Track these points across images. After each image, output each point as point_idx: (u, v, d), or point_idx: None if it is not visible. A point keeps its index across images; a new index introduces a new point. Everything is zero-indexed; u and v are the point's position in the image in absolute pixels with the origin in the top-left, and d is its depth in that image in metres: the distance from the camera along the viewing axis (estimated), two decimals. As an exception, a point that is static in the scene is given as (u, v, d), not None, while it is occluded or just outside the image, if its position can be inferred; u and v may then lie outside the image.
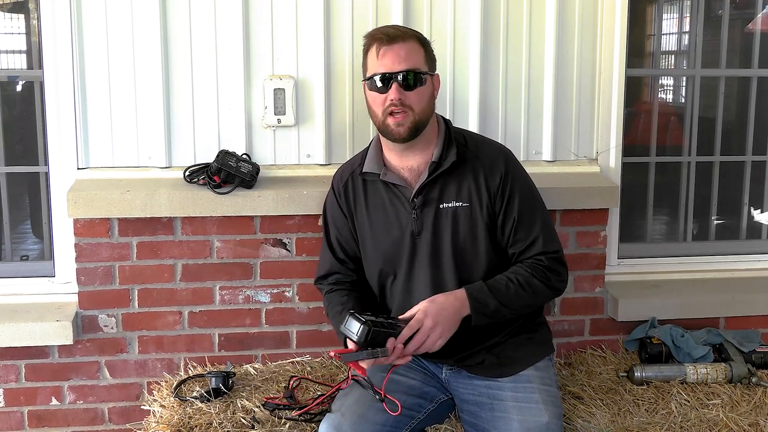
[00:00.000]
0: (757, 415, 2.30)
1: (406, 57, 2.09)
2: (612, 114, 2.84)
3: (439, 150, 2.17)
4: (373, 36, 2.14)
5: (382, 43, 2.10)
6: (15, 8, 2.91)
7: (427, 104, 2.13)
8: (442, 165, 2.15)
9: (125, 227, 2.58)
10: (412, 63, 2.09)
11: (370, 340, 1.92)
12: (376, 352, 1.92)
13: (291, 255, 2.67)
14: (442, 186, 2.17)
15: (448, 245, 2.16)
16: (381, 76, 2.09)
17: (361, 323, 1.92)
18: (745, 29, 3.23)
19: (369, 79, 2.13)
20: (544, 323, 2.33)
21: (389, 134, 2.12)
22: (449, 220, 2.16)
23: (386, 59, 2.09)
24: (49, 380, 2.67)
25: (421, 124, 2.12)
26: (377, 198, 2.23)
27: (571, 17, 2.78)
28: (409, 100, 2.08)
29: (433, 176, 2.15)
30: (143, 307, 2.64)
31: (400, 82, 2.07)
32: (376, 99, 2.12)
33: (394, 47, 2.09)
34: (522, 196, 2.18)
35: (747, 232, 3.19)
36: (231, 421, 2.21)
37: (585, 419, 2.28)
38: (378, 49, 2.11)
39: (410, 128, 2.10)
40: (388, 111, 2.09)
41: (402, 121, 2.09)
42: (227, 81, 2.66)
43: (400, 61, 2.08)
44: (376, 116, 2.14)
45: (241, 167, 2.55)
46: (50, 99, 2.63)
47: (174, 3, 2.61)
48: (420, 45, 2.14)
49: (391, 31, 2.14)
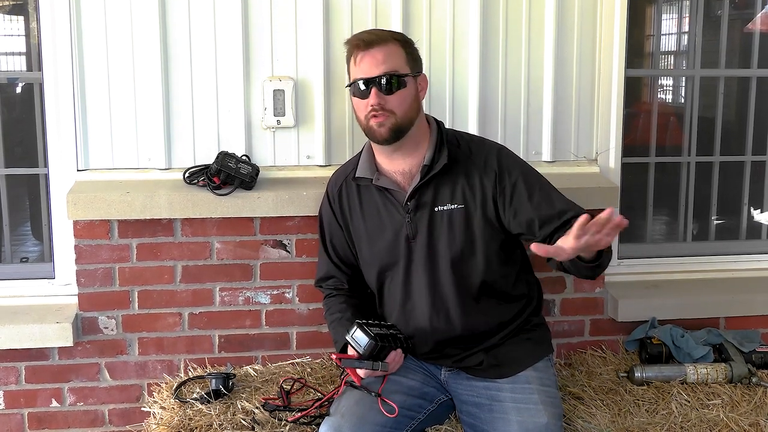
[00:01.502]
0: (757, 415, 2.30)
1: (384, 60, 2.08)
2: (612, 114, 2.84)
3: (431, 152, 2.16)
4: (351, 42, 2.14)
5: (359, 49, 2.10)
6: (14, 10, 2.91)
7: (410, 106, 2.12)
8: (434, 168, 2.14)
9: (125, 229, 2.58)
10: (390, 66, 2.08)
11: (375, 354, 1.98)
12: (376, 365, 1.98)
13: (291, 256, 2.66)
14: (436, 188, 2.16)
15: (445, 248, 2.15)
16: (361, 81, 2.09)
17: (369, 337, 1.98)
18: (744, 29, 3.23)
19: (351, 85, 2.13)
20: (543, 324, 2.33)
21: (373, 137, 2.13)
22: (444, 223, 2.15)
23: (364, 64, 2.09)
24: (49, 382, 2.67)
25: (403, 127, 2.11)
26: (371, 203, 2.23)
27: (571, 18, 2.78)
28: (389, 104, 2.08)
29: (426, 179, 2.14)
30: (143, 309, 2.64)
31: (378, 86, 2.07)
32: (359, 105, 2.12)
33: (371, 51, 2.09)
34: (525, 179, 2.15)
35: (747, 232, 3.19)
36: (231, 423, 2.20)
37: (585, 420, 2.28)
38: (356, 56, 2.11)
39: (391, 129, 2.09)
40: (370, 116, 2.09)
41: (383, 121, 2.08)
42: (227, 82, 2.66)
43: (377, 65, 2.08)
44: (360, 121, 2.15)
45: (241, 168, 2.55)
46: (50, 101, 2.63)
47: (173, 5, 2.61)
48: (399, 46, 2.13)
49: (366, 36, 2.13)
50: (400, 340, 2.11)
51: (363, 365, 1.99)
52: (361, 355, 1.98)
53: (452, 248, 2.15)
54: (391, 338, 2.07)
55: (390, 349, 2.05)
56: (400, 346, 2.10)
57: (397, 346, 2.08)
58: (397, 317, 2.22)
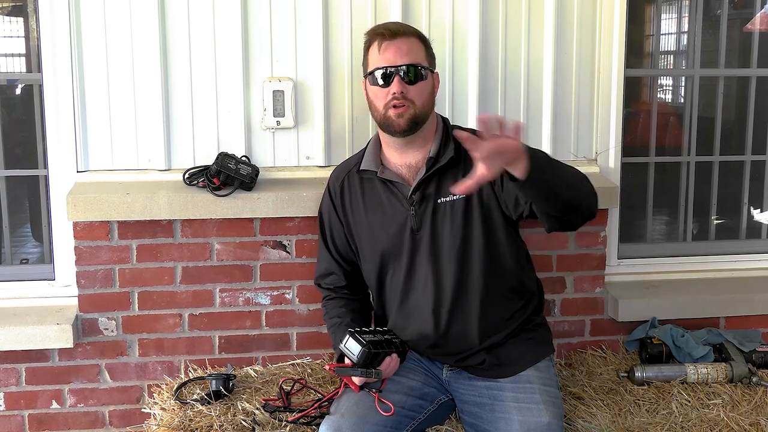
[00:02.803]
0: (758, 415, 2.30)
1: (408, 52, 2.11)
2: (611, 114, 2.84)
3: (437, 146, 2.18)
4: (375, 31, 2.17)
5: (384, 38, 2.13)
6: (14, 11, 2.92)
7: (428, 99, 2.15)
8: (439, 161, 2.16)
9: (125, 230, 2.58)
10: (413, 58, 2.11)
11: (369, 362, 1.98)
12: (370, 372, 1.99)
13: (291, 257, 2.67)
14: (439, 181, 2.17)
15: (448, 239, 2.16)
16: (383, 70, 2.10)
17: (361, 346, 1.98)
18: (743, 29, 3.23)
19: (371, 74, 2.14)
20: (544, 324, 2.33)
21: (390, 126, 2.13)
22: (447, 214, 2.16)
23: (388, 53, 2.11)
24: (49, 383, 2.67)
25: (421, 119, 2.13)
26: (374, 196, 2.24)
27: (570, 17, 2.78)
28: (410, 94, 2.10)
29: (431, 172, 2.15)
30: (143, 310, 2.64)
31: (402, 76, 2.09)
32: (378, 93, 2.13)
33: (396, 42, 2.11)
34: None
35: (747, 231, 3.19)
36: (232, 424, 2.20)
37: (586, 420, 2.28)
38: (380, 44, 2.13)
39: (410, 119, 2.11)
40: (390, 105, 2.10)
41: (403, 112, 2.10)
42: (226, 83, 2.66)
43: (402, 56, 2.10)
44: (377, 111, 2.15)
45: (241, 169, 2.55)
46: (49, 102, 2.63)
47: (173, 6, 2.61)
48: (421, 42, 2.17)
49: (392, 26, 2.18)
50: (395, 345, 2.12)
51: (356, 373, 2.00)
52: (355, 364, 1.99)
53: (455, 239, 2.15)
54: (385, 344, 2.08)
55: (385, 354, 2.07)
56: (396, 351, 2.11)
57: (392, 350, 2.09)
58: (396, 312, 2.22)
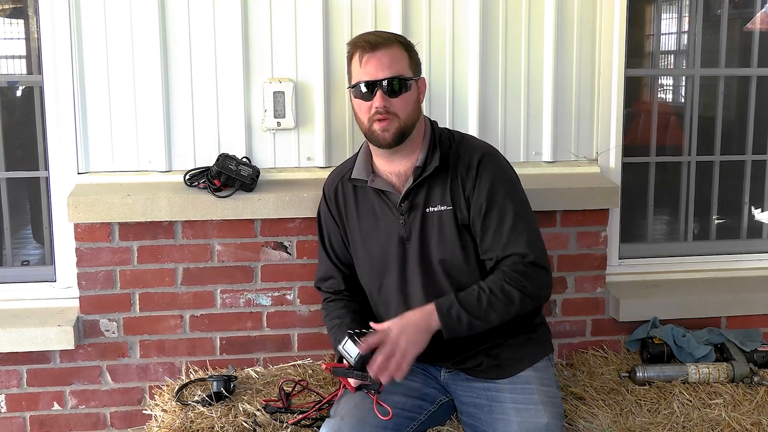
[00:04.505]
0: (759, 415, 2.30)
1: (389, 64, 2.08)
2: (611, 114, 2.84)
3: (424, 154, 2.15)
4: (355, 44, 2.14)
5: (364, 51, 2.09)
6: (14, 13, 2.92)
7: (413, 109, 2.12)
8: (426, 170, 2.14)
9: (126, 231, 2.58)
10: (395, 70, 2.08)
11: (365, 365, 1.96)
12: (366, 375, 1.96)
13: (292, 258, 2.67)
14: (428, 190, 2.15)
15: (436, 250, 2.14)
16: (365, 83, 2.08)
17: (359, 349, 1.95)
18: (744, 28, 3.23)
19: (354, 87, 2.12)
20: (543, 323, 2.31)
21: (375, 140, 2.12)
22: (435, 224, 2.14)
23: (369, 67, 2.08)
24: (50, 385, 2.67)
25: (407, 130, 2.11)
26: (366, 204, 2.23)
27: (570, 18, 2.78)
28: (394, 107, 2.08)
29: (419, 180, 2.14)
30: (144, 312, 2.64)
31: (384, 89, 2.07)
32: (362, 106, 2.11)
33: (377, 54, 2.08)
34: (492, 186, 2.09)
35: (747, 231, 3.18)
36: (233, 425, 2.20)
37: (587, 420, 2.28)
38: (361, 57, 2.10)
39: (395, 133, 2.09)
40: (374, 118, 2.09)
41: (387, 126, 2.08)
42: (227, 84, 2.66)
43: (383, 68, 2.07)
44: (362, 123, 2.14)
45: (241, 170, 2.55)
46: (50, 104, 2.63)
47: (173, 7, 2.61)
48: (403, 50, 2.13)
49: (371, 38, 2.12)
50: None
51: (353, 375, 2.00)
52: (352, 366, 1.98)
53: (443, 250, 2.14)
54: None
55: None
56: None
57: None
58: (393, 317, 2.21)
